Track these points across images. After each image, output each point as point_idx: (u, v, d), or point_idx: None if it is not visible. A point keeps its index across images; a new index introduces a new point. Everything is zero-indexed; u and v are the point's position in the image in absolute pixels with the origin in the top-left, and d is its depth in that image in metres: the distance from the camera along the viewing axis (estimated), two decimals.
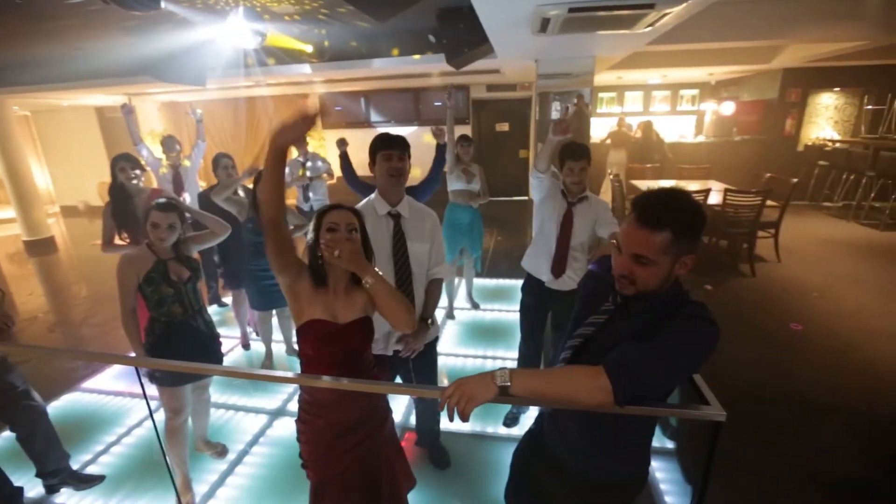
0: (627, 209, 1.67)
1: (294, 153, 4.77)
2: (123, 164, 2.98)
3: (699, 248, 1.06)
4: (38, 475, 2.27)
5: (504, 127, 8.79)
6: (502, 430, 2.68)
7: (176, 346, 2.02)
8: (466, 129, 8.16)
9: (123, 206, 2.96)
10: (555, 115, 5.31)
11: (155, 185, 4.42)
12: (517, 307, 2.79)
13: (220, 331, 2.37)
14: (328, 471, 1.49)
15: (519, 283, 2.82)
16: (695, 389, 1.13)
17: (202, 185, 4.65)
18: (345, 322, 1.42)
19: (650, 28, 3.12)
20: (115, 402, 3.10)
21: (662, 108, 8.99)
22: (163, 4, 2.45)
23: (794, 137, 8.08)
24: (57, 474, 2.30)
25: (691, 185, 5.70)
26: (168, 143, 4.13)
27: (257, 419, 2.84)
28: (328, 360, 1.42)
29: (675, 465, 2.37)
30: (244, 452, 2.56)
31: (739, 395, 2.81)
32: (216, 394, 3.00)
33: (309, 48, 4.21)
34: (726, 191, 4.71)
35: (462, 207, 3.94)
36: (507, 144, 8.73)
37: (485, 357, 3.48)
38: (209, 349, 2.19)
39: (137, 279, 1.98)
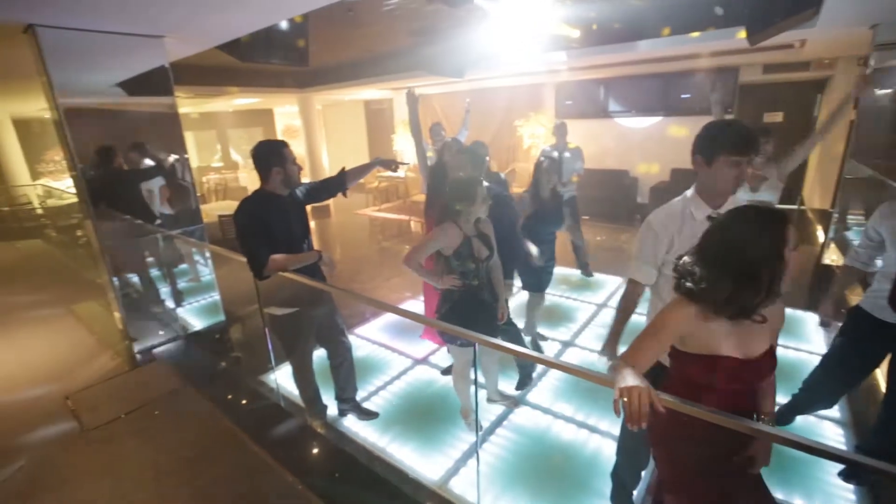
0: None
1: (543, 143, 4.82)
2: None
3: None
4: (336, 398, 2.78)
5: (776, 117, 7.10)
6: None
7: (467, 313, 2.24)
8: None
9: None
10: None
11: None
12: (803, 343, 2.17)
13: None
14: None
15: (794, 312, 2.15)
16: None
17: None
18: (756, 356, 1.18)
19: None
20: (380, 351, 3.62)
21: None
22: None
23: None
24: (348, 402, 2.78)
25: None
26: (434, 130, 4.57)
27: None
28: (726, 394, 1.19)
29: None
30: (491, 431, 2.64)
31: None
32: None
33: (576, 33, 4.05)
34: None
35: None
36: (779, 139, 7.03)
37: None
38: (493, 318, 2.44)
39: (442, 250, 2.22)
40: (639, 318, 1.73)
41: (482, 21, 4.00)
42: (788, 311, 3.79)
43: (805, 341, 3.39)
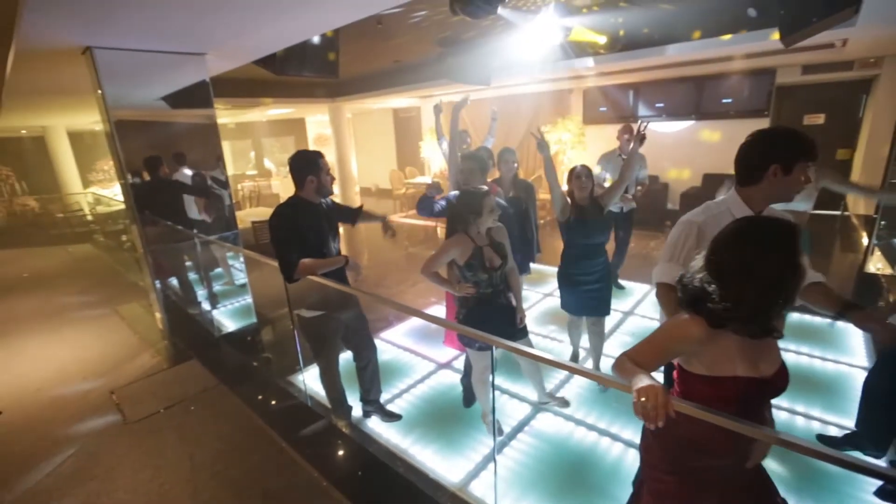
0: None
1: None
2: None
3: None
4: (361, 399, 2.85)
5: (817, 119, 6.81)
6: None
7: (484, 319, 2.26)
8: (762, 125, 6.62)
9: None
10: None
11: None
12: (835, 354, 2.06)
13: None
14: None
15: (835, 323, 2.07)
16: None
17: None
18: (770, 374, 1.16)
19: None
20: (404, 355, 3.68)
21: None
22: (499, 10, 2.66)
23: None
24: (372, 404, 2.85)
25: None
26: (461, 136, 4.64)
27: (521, 407, 2.91)
28: (730, 411, 1.16)
29: None
30: (512, 436, 2.65)
31: None
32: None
33: (603, 39, 4.04)
34: None
35: None
36: (820, 142, 6.73)
37: (793, 412, 2.72)
38: (511, 322, 2.43)
39: (455, 260, 2.26)
40: (651, 323, 1.72)
41: (507, 30, 4.05)
42: (828, 321, 3.65)
43: (847, 353, 3.25)
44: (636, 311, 4.17)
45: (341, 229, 2.69)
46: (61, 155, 10.41)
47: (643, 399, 1.03)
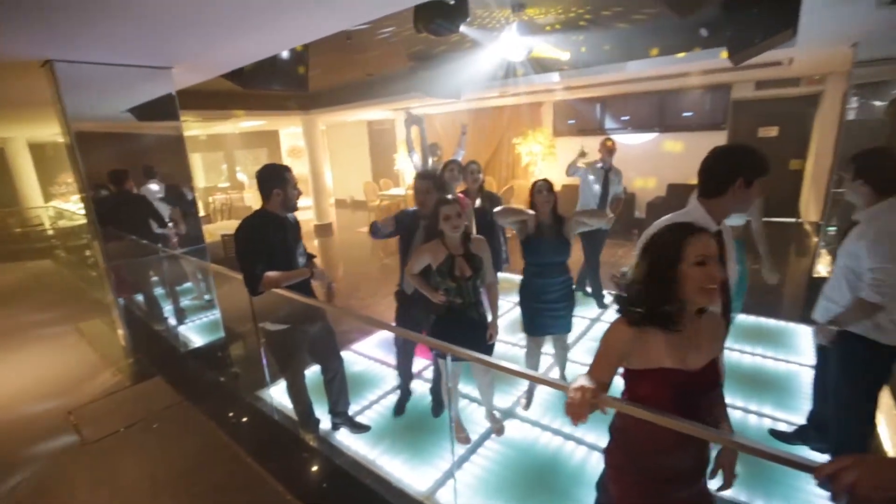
0: None
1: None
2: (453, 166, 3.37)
3: None
4: (329, 411, 2.84)
5: (771, 132, 7.19)
6: None
7: (452, 329, 2.28)
8: (720, 137, 6.98)
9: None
10: (860, 112, 4.03)
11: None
12: (786, 354, 2.20)
13: None
14: None
15: (788, 325, 2.22)
16: None
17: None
18: (697, 368, 1.24)
19: None
20: (374, 366, 3.68)
21: None
22: (461, 29, 2.75)
23: None
24: (340, 416, 2.84)
25: None
26: (431, 149, 4.72)
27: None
28: (667, 409, 1.23)
29: None
30: (477, 445, 2.69)
31: None
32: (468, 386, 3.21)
33: (566, 55, 4.21)
34: None
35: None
36: (774, 153, 7.10)
37: (747, 410, 2.85)
38: (481, 337, 2.44)
39: (430, 264, 2.30)
40: None
41: (475, 46, 4.17)
42: (782, 323, 3.84)
43: (797, 353, 3.42)
44: (603, 318, 4.29)
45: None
46: (21, 167, 10.03)
47: (570, 396, 1.10)
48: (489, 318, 2.52)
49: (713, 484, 1.36)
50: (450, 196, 2.29)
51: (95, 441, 2.77)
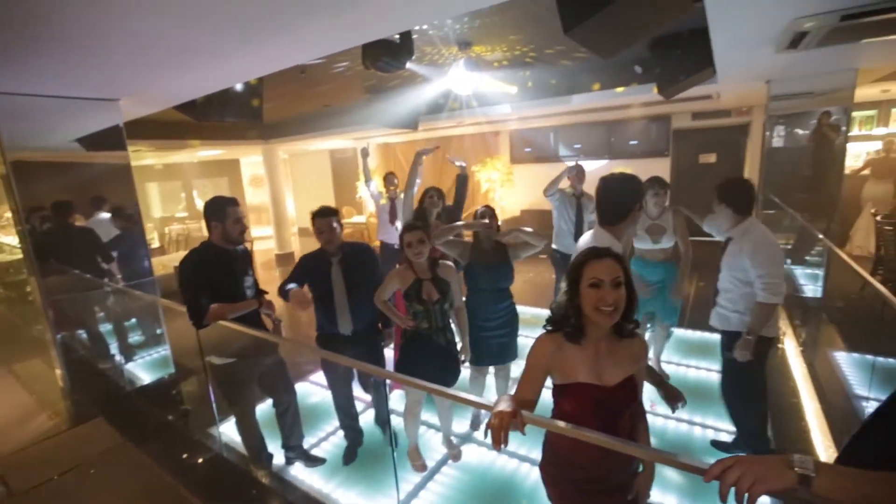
0: None
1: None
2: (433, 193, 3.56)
3: None
4: (283, 446, 2.77)
5: (710, 158, 7.75)
6: None
7: (419, 354, 2.34)
8: (664, 164, 7.44)
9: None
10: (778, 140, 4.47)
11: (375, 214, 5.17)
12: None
13: None
14: None
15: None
16: None
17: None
18: (612, 384, 1.30)
19: None
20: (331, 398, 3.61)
21: None
22: (407, 66, 2.89)
23: None
24: (294, 449, 2.77)
25: None
26: (389, 178, 4.81)
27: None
28: (589, 423, 1.29)
29: None
30: (435, 471, 2.68)
31: None
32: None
33: (514, 89, 4.45)
34: None
35: (648, 263, 3.23)
36: (712, 177, 7.62)
37: (692, 423, 2.98)
38: (447, 363, 2.47)
39: (399, 288, 2.35)
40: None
41: (427, 80, 4.35)
42: (707, 335, 4.05)
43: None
44: None
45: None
46: None
47: (489, 422, 1.16)
48: (458, 342, 2.57)
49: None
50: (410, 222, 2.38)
51: (24, 492, 2.58)
